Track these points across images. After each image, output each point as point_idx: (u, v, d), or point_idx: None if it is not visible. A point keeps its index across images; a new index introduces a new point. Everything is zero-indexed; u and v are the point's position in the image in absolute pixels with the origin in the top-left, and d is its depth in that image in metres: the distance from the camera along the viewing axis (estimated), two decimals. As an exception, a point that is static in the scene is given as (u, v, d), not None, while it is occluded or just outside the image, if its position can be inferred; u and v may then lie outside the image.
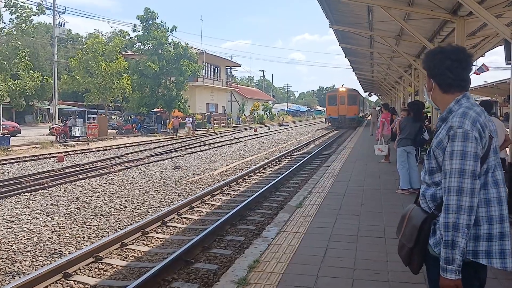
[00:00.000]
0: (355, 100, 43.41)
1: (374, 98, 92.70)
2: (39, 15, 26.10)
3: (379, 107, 38.51)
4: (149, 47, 38.45)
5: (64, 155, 19.89)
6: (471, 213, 2.07)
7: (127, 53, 45.45)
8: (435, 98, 2.40)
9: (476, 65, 21.11)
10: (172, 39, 39.94)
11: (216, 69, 59.98)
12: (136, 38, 40.26)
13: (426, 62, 2.40)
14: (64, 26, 37.47)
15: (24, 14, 23.44)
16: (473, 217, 2.08)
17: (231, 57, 68.46)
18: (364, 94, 70.91)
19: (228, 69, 67.57)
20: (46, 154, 21.19)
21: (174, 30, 39.96)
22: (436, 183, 2.26)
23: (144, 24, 38.50)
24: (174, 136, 34.67)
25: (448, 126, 2.20)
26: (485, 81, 46.92)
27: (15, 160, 18.67)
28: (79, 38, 66.25)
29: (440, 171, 2.23)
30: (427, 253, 2.26)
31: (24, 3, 24.69)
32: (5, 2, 22.90)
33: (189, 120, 36.68)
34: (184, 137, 34.52)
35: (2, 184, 12.86)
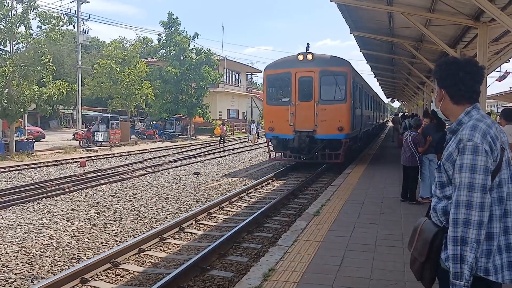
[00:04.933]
0: (342, 88, 16.43)
1: (396, 104, 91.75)
2: (67, 25, 26.66)
3: (401, 113, 37.53)
4: (172, 54, 38.90)
5: (87, 160, 20.20)
6: (480, 227, 2.02)
7: (150, 60, 46.09)
8: (445, 108, 2.37)
9: (500, 71, 20.74)
10: (194, 46, 40.38)
11: (237, 75, 60.23)
12: (159, 45, 40.81)
13: (438, 72, 2.36)
14: (88, 33, 38.17)
15: (53, 22, 23.92)
16: (483, 232, 2.03)
17: (252, 63, 68.69)
18: (386, 100, 69.60)
19: (249, 75, 67.76)
20: (69, 159, 21.56)
21: (197, 37, 40.36)
22: (447, 196, 2.22)
23: (167, 30, 39.02)
24: (221, 144, 31.42)
25: (458, 138, 2.16)
26: (510, 87, 46.00)
27: (38, 165, 19.02)
28: (105, 45, 67.49)
29: (450, 184, 2.19)
30: (439, 267, 2.22)
31: (54, 13, 25.26)
32: (36, 12, 23.40)
33: (253, 127, 35.45)
34: (252, 143, 32.93)
35: (25, 188, 13.12)
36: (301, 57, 16.44)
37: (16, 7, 23.03)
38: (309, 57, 16.33)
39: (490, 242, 2.11)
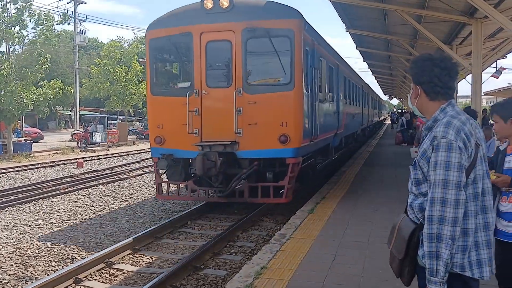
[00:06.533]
0: (285, 62, 8.28)
1: (395, 101, 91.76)
2: (63, 23, 26.68)
3: (399, 110, 37.63)
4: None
5: (84, 161, 20.20)
6: (455, 224, 2.03)
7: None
8: (421, 105, 2.37)
9: (496, 67, 20.77)
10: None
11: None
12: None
13: (414, 69, 2.36)
14: (85, 33, 38.15)
15: (44, 21, 23.85)
16: (458, 229, 2.04)
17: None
18: (385, 98, 69.47)
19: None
20: (66, 159, 21.57)
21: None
22: (423, 193, 2.23)
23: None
24: None
25: (432, 135, 2.16)
26: (508, 83, 45.98)
27: (36, 166, 19.03)
28: (103, 46, 67.49)
29: (426, 181, 2.20)
30: (417, 264, 2.23)
31: (49, 12, 25.26)
32: (29, 12, 23.37)
33: None
34: None
35: (22, 190, 13.12)
36: (209, 4, 8.52)
37: (10, 8, 22.97)
38: (224, 3, 8.44)
39: (466, 238, 2.11)
